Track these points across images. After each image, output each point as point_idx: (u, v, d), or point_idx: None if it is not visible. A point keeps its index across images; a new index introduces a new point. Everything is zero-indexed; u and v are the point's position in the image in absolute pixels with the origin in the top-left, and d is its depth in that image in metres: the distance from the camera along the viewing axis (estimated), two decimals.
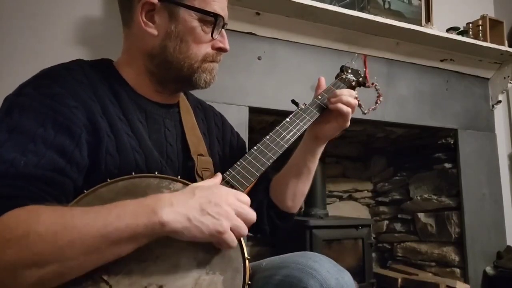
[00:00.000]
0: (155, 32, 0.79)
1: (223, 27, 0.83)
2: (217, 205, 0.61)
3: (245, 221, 0.64)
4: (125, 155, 0.74)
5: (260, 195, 0.99)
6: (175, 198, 0.60)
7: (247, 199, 0.67)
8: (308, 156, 0.97)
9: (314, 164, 0.98)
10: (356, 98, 0.96)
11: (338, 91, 0.94)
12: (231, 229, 0.62)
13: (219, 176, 0.73)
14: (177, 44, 0.79)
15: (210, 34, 0.81)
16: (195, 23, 0.79)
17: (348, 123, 0.95)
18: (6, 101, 0.69)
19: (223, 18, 0.81)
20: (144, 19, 0.79)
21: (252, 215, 0.66)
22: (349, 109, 0.92)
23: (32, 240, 0.53)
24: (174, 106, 0.90)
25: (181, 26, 0.79)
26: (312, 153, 0.97)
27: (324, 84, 1.01)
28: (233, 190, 0.67)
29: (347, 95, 0.93)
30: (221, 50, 0.84)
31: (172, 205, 0.59)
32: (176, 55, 0.80)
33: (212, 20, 0.80)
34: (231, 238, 0.62)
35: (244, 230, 0.64)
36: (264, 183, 0.99)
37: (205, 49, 0.82)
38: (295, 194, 0.99)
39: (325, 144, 0.98)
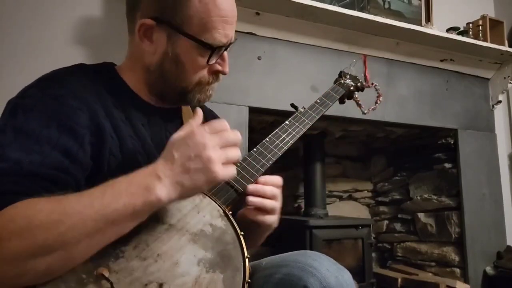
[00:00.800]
0: (152, 50, 0.79)
1: (226, 49, 0.81)
2: (197, 156, 0.61)
3: (234, 145, 0.66)
4: (129, 157, 0.74)
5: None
6: (160, 169, 0.61)
7: (222, 126, 0.67)
8: (258, 238, 0.90)
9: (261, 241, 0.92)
10: (356, 99, 0.96)
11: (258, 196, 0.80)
12: (224, 164, 0.63)
13: (198, 114, 0.70)
14: (172, 66, 0.79)
15: (207, 59, 0.78)
16: (192, 50, 0.77)
17: (274, 217, 0.84)
18: (10, 104, 0.70)
19: (223, 47, 0.78)
20: (142, 36, 0.78)
21: (235, 138, 0.67)
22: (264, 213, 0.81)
23: (34, 229, 0.54)
24: (176, 110, 0.91)
25: (177, 50, 0.77)
26: (263, 236, 0.91)
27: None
28: (207, 126, 0.65)
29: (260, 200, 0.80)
30: (218, 73, 0.83)
31: (160, 178, 0.60)
32: (171, 75, 0.80)
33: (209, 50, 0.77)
34: (227, 171, 0.64)
35: (236, 155, 0.66)
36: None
37: (201, 73, 0.80)
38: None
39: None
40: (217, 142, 0.64)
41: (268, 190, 0.81)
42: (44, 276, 0.55)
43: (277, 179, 0.84)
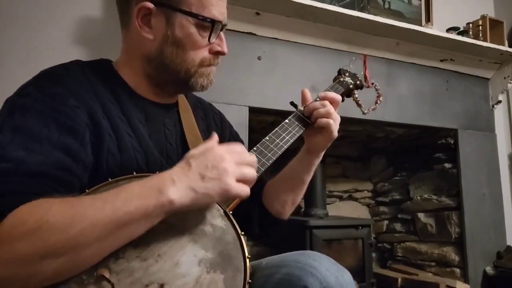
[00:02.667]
0: (151, 36, 0.79)
1: (222, 29, 0.82)
2: (214, 167, 0.63)
3: (249, 165, 0.67)
4: (126, 155, 0.74)
5: (253, 197, 0.98)
6: (175, 174, 0.62)
7: (240, 148, 0.69)
8: (302, 167, 0.96)
9: (308, 176, 0.97)
10: (356, 99, 0.97)
11: (311, 105, 0.91)
12: (238, 180, 0.64)
13: (214, 136, 0.71)
14: (173, 49, 0.79)
15: (207, 39, 0.80)
16: (192, 29, 0.78)
17: (335, 134, 0.90)
18: (7, 103, 0.70)
19: (221, 23, 0.80)
20: (141, 23, 0.78)
21: (251, 159, 0.69)
22: (329, 120, 0.88)
23: (45, 231, 0.54)
24: (173, 106, 0.91)
25: (177, 31, 0.78)
26: (306, 165, 0.96)
27: (308, 96, 0.95)
28: (225, 146, 0.67)
29: (320, 107, 0.89)
30: (219, 53, 0.84)
31: (174, 181, 0.60)
32: (173, 59, 0.80)
33: (209, 25, 0.79)
34: (242, 189, 0.64)
35: (251, 174, 0.67)
36: (258, 186, 0.98)
37: (202, 53, 0.81)
38: (285, 201, 0.98)
39: (319, 157, 0.95)
40: (234, 159, 0.65)
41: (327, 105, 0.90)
42: (53, 278, 0.55)
43: (337, 96, 0.93)
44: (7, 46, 1.46)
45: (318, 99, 0.92)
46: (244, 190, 0.65)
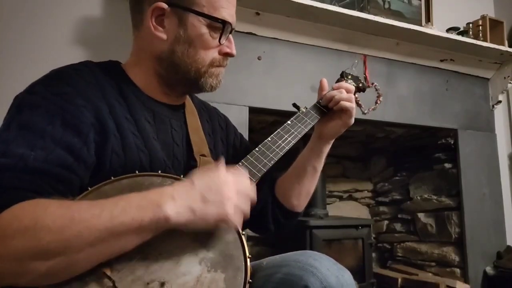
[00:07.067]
0: (164, 36, 0.80)
1: (230, 32, 0.85)
2: (217, 191, 0.63)
3: (248, 197, 0.68)
4: (131, 155, 0.75)
5: (265, 194, 1.01)
6: (176, 191, 0.62)
7: (245, 176, 0.70)
8: (313, 155, 0.99)
9: (319, 163, 1.00)
10: (356, 99, 0.99)
11: (330, 93, 0.97)
12: (235, 209, 0.64)
13: (221, 160, 0.73)
14: (185, 48, 0.81)
15: (217, 40, 0.82)
16: (204, 29, 0.81)
17: (353, 120, 0.97)
18: (17, 99, 0.71)
19: (231, 25, 0.83)
20: (154, 24, 0.80)
21: (252, 191, 0.69)
22: (352, 104, 0.95)
23: (39, 231, 0.54)
24: (180, 107, 0.92)
25: (189, 31, 0.80)
26: (317, 152, 0.99)
27: (326, 85, 1.02)
28: (231, 171, 0.68)
29: (340, 93, 0.96)
30: (228, 55, 0.86)
31: (174, 198, 0.60)
32: (184, 59, 0.81)
33: (220, 26, 0.81)
34: (236, 220, 0.64)
35: (247, 207, 0.67)
36: (268, 183, 1.02)
37: (212, 54, 0.83)
38: (300, 192, 1.01)
39: (330, 144, 1.00)
40: (237, 187, 0.66)
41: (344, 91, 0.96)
42: (44, 279, 0.56)
43: (350, 86, 1.00)
44: (8, 47, 1.46)
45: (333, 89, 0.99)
46: (238, 222, 0.65)
